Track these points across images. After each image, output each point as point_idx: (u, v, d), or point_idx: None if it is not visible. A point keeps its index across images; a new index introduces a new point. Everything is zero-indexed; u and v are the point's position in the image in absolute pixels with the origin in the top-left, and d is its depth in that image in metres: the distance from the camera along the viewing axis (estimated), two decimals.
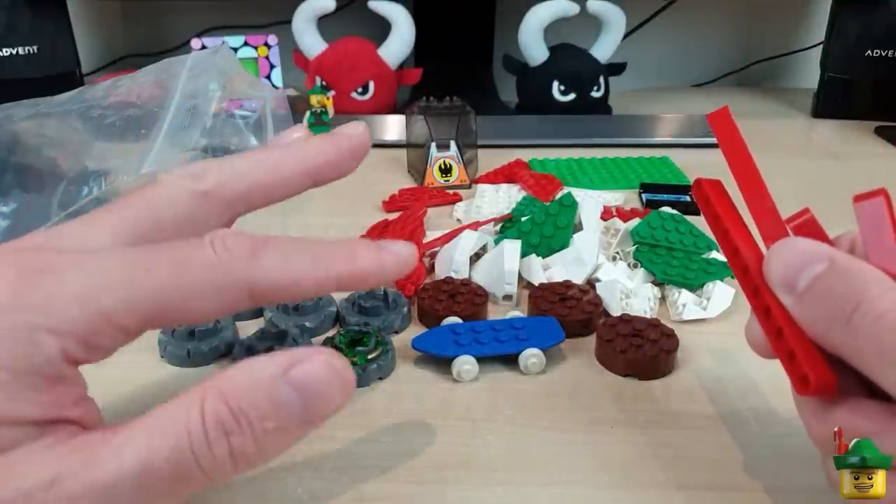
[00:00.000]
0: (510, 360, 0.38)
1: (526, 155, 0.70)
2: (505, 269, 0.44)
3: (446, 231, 0.51)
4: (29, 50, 0.75)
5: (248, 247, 0.22)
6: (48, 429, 0.20)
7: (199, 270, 0.22)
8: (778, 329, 0.25)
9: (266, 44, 0.78)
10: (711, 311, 0.43)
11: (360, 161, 0.28)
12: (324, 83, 0.81)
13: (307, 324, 0.41)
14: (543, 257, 0.47)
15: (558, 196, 0.51)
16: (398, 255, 0.25)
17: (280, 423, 0.20)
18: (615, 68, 0.83)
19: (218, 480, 0.20)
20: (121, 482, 0.19)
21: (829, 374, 0.24)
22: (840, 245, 0.27)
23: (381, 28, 0.82)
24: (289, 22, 0.80)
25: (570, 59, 0.82)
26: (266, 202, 0.27)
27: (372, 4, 0.81)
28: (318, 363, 0.21)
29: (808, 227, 0.27)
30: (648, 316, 0.42)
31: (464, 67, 0.92)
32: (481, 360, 0.37)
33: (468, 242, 0.47)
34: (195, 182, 0.25)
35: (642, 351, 0.38)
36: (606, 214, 0.54)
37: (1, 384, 0.19)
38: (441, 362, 0.38)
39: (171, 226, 0.25)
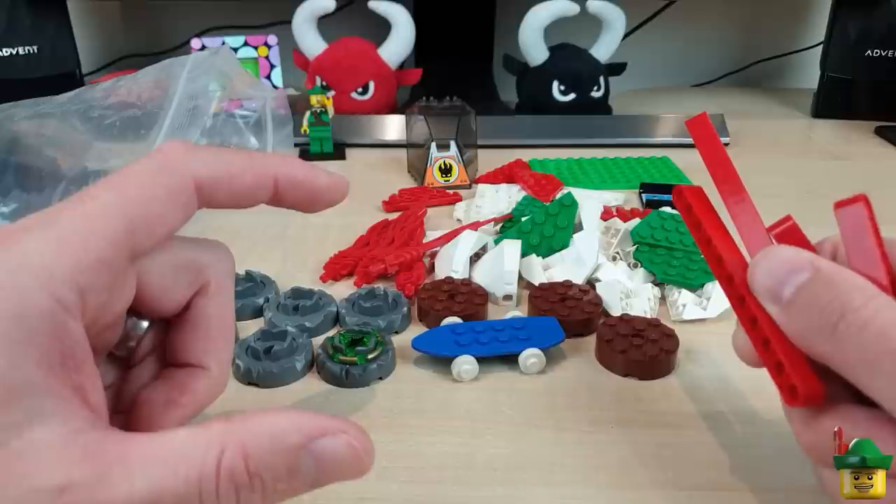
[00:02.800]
0: (510, 360, 0.38)
1: (526, 155, 0.70)
2: (505, 269, 0.44)
3: (446, 231, 0.51)
4: (29, 50, 0.75)
5: (183, 145, 0.24)
6: (57, 408, 0.19)
7: (148, 177, 0.22)
8: (765, 339, 0.25)
9: (266, 44, 0.78)
10: (711, 311, 0.43)
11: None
12: (324, 83, 0.81)
13: (307, 324, 0.41)
14: (543, 257, 0.47)
15: (558, 196, 0.51)
16: (330, 173, 0.26)
17: (291, 486, 0.21)
18: (615, 68, 0.83)
19: None
20: None
21: (817, 384, 0.24)
22: (822, 251, 0.27)
23: (381, 28, 0.82)
24: (289, 22, 0.80)
25: (570, 59, 0.82)
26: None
27: (372, 4, 0.81)
28: (342, 442, 0.21)
29: (791, 235, 0.27)
30: (648, 316, 0.42)
31: (464, 67, 0.92)
32: (481, 360, 0.37)
33: (468, 242, 0.47)
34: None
35: (642, 351, 0.38)
36: (606, 214, 0.54)
37: (4, 349, 0.19)
38: (441, 362, 0.38)
39: None
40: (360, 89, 0.81)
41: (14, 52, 0.74)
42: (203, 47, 0.75)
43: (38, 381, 0.19)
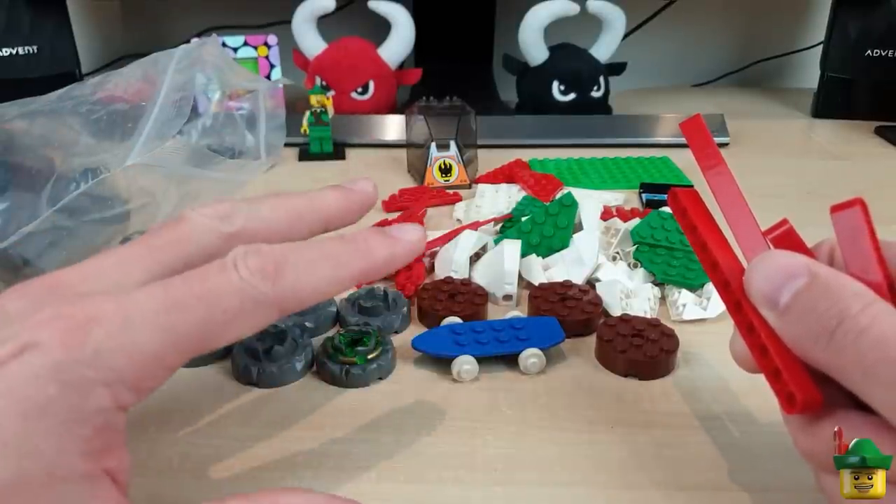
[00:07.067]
0: (510, 360, 0.38)
1: (526, 155, 0.70)
2: (505, 269, 0.44)
3: (446, 231, 0.51)
4: (29, 50, 0.75)
5: (272, 265, 0.24)
6: (93, 493, 0.21)
7: (231, 299, 0.23)
8: (762, 345, 0.25)
9: (266, 44, 0.78)
10: (711, 311, 0.43)
11: (364, 215, 0.31)
12: (323, 83, 0.81)
13: (307, 324, 0.41)
14: (543, 257, 0.47)
15: (558, 196, 0.51)
16: (409, 241, 0.27)
17: None
18: (615, 68, 0.83)
19: None
20: None
21: (815, 392, 0.24)
22: (820, 253, 0.27)
23: (381, 28, 0.82)
24: (288, 22, 0.80)
25: (570, 58, 0.82)
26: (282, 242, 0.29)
27: (372, 4, 0.81)
28: None
29: (788, 239, 0.27)
30: (648, 316, 0.42)
31: (464, 67, 0.91)
32: (481, 360, 0.37)
33: (468, 242, 0.47)
34: (222, 223, 0.27)
35: (642, 351, 0.38)
36: (606, 214, 0.54)
37: (55, 438, 0.20)
38: (441, 362, 0.38)
39: (199, 262, 0.26)
40: (359, 89, 0.81)
41: (13, 52, 0.74)
42: None
43: (80, 468, 0.21)
